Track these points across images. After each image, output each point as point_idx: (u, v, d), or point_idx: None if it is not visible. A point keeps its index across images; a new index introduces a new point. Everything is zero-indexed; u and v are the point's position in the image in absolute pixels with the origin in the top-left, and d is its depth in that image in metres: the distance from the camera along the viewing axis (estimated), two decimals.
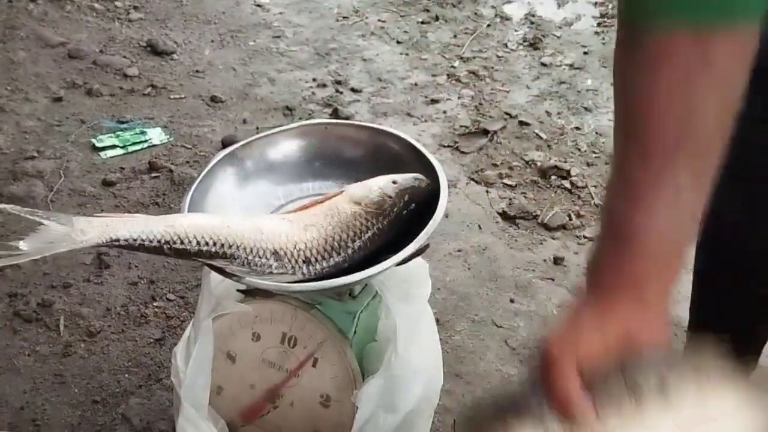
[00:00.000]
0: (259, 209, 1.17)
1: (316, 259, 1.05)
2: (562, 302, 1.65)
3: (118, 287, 1.60)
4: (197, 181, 1.12)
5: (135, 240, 0.95)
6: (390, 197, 1.08)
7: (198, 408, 1.08)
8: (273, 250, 1.02)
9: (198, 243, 0.98)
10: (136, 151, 2.02)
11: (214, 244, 0.99)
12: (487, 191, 1.97)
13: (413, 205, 1.10)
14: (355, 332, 1.13)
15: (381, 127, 1.23)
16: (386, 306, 1.15)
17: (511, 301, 1.65)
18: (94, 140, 2.03)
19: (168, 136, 2.08)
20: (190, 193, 1.10)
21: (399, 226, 1.10)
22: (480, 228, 1.85)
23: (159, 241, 0.96)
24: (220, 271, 1.00)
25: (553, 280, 1.71)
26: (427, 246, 1.06)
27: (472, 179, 2.02)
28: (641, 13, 0.57)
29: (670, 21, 0.55)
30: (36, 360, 1.45)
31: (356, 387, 1.10)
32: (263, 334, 1.15)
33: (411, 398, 1.09)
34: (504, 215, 1.90)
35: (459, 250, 1.78)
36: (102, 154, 2.00)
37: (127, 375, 1.42)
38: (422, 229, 1.05)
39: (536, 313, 1.62)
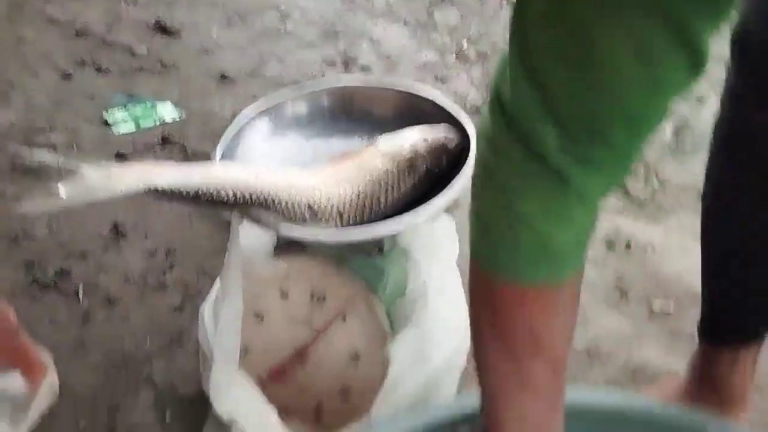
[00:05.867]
0: (288, 163, 1.18)
1: (349, 214, 1.05)
2: None
3: (135, 256, 1.60)
4: (229, 132, 1.12)
5: (172, 189, 0.95)
6: (422, 155, 1.09)
7: (230, 365, 1.08)
8: (308, 204, 1.02)
9: (234, 194, 0.98)
10: (147, 126, 2.01)
11: (250, 195, 0.99)
12: None
13: (444, 162, 1.10)
14: (384, 288, 1.13)
15: (409, 88, 1.23)
16: (414, 263, 1.15)
17: None
18: (105, 115, 2.02)
19: (179, 112, 2.07)
20: (222, 143, 1.10)
21: (430, 183, 1.10)
22: None
23: (196, 191, 0.96)
24: (255, 220, 1.00)
25: None
26: (457, 200, 1.06)
27: None
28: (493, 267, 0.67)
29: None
30: (55, 327, 1.44)
31: (387, 342, 1.10)
32: (291, 291, 1.15)
33: (442, 352, 1.10)
34: None
35: None
36: (114, 129, 1.99)
37: (148, 341, 1.42)
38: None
39: None
